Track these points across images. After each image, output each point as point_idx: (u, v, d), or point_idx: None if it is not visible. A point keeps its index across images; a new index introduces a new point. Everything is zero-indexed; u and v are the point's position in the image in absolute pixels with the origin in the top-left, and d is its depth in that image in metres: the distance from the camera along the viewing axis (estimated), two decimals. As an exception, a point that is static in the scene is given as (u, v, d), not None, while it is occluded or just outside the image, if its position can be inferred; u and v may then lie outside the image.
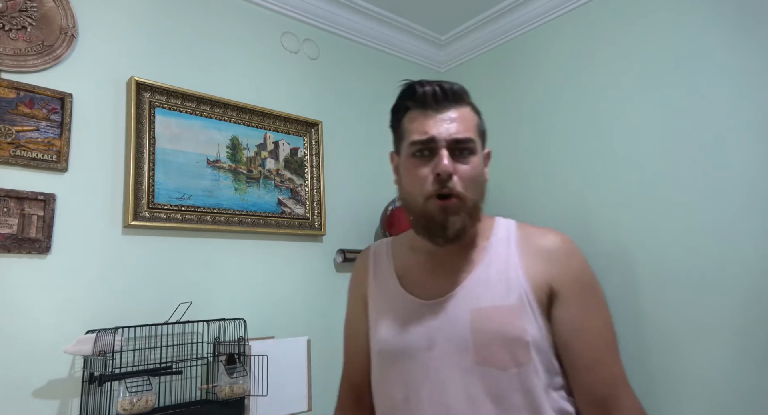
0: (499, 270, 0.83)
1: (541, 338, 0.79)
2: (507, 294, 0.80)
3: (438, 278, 0.87)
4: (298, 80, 2.13)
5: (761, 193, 1.59)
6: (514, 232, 0.88)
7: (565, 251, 0.84)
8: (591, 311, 0.81)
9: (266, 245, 1.89)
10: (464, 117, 0.84)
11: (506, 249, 0.85)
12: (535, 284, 0.81)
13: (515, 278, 0.82)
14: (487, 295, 0.81)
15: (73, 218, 1.49)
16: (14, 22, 1.47)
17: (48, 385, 1.37)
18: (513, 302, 0.79)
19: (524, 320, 0.78)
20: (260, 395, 1.60)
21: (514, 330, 0.78)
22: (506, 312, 0.79)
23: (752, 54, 1.65)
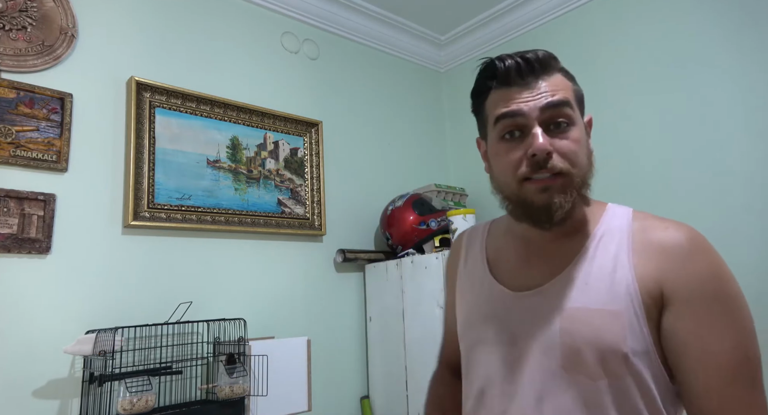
0: (603, 266, 0.70)
1: (647, 350, 0.66)
2: (608, 296, 0.68)
3: (532, 268, 0.77)
4: (298, 80, 2.13)
5: (761, 193, 1.59)
6: (628, 222, 0.73)
7: (687, 249, 0.67)
8: (713, 326, 0.64)
9: (266, 245, 1.89)
10: (556, 84, 0.72)
11: (617, 242, 0.72)
12: (644, 287, 0.67)
13: (622, 278, 0.68)
14: (583, 294, 0.70)
15: (73, 218, 1.49)
16: (14, 22, 1.47)
17: (48, 385, 1.37)
18: (614, 307, 0.67)
19: (625, 328, 0.66)
20: (260, 395, 1.60)
21: (608, 338, 0.66)
22: (601, 316, 0.67)
23: (752, 54, 1.65)
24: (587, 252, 0.73)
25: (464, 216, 1.85)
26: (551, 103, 0.70)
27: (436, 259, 1.82)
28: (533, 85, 0.71)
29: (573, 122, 0.71)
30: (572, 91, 0.74)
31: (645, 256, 0.69)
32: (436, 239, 2.00)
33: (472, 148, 2.51)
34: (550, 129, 0.70)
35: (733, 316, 0.65)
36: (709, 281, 0.66)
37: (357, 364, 2.06)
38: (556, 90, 0.71)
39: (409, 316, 1.90)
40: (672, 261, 0.67)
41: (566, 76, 0.75)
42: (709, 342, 0.64)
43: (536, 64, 0.72)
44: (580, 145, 0.71)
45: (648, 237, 0.70)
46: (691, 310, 0.65)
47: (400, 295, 1.95)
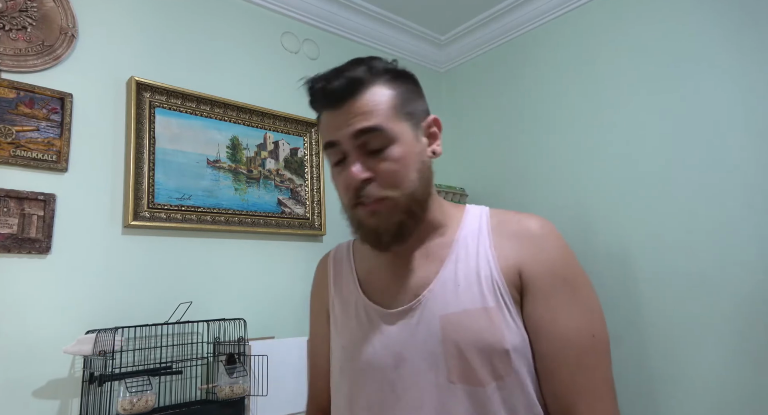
0: (468, 267, 0.70)
1: (523, 343, 0.67)
2: (479, 294, 0.68)
3: (403, 281, 0.74)
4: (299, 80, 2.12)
5: (761, 193, 1.59)
6: (486, 220, 0.75)
7: (539, 235, 0.70)
8: (563, 309, 0.66)
9: (266, 245, 1.89)
10: (367, 104, 0.68)
11: (476, 241, 0.72)
12: (508, 278, 0.68)
13: (487, 274, 0.69)
14: (456, 298, 0.68)
15: (73, 218, 1.49)
16: (14, 22, 1.47)
17: (48, 385, 1.37)
18: (487, 303, 0.67)
19: (501, 324, 0.66)
20: (260, 395, 1.60)
21: (489, 337, 0.65)
22: (479, 316, 0.66)
23: (752, 54, 1.65)
24: (452, 255, 0.73)
25: (464, 216, 1.85)
26: (362, 130, 0.68)
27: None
28: (345, 108, 0.69)
29: (390, 142, 0.69)
30: (390, 105, 0.69)
31: (504, 247, 0.71)
32: (436, 239, 1.99)
33: (471, 148, 2.51)
34: (369, 152, 0.69)
35: (579, 298, 0.68)
36: (559, 265, 0.69)
37: (357, 364, 2.06)
38: (366, 113, 0.68)
39: (409, 316, 1.89)
40: (526, 247, 0.70)
41: (386, 85, 0.71)
42: (558, 325, 0.66)
43: (347, 86, 0.69)
44: (403, 163, 0.69)
45: (505, 229, 0.73)
46: (543, 294, 0.68)
47: (400, 295, 1.95)
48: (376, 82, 0.70)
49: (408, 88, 0.73)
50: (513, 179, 2.31)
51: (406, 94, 0.73)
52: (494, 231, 0.73)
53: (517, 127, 2.34)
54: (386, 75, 0.71)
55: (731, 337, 1.59)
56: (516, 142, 2.33)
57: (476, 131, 2.51)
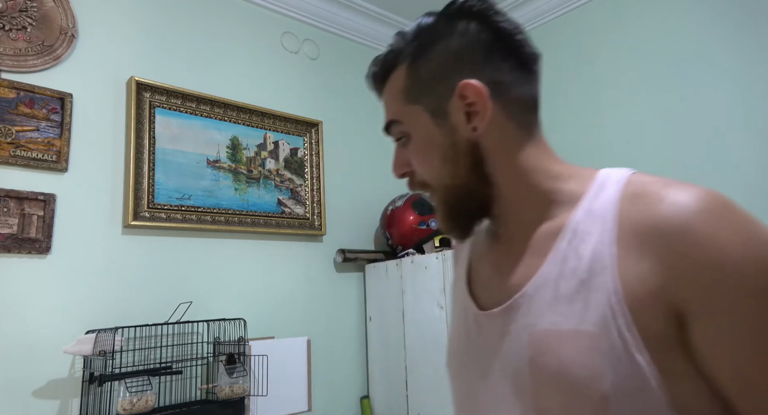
0: (576, 267, 0.50)
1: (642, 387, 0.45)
2: (582, 312, 0.48)
3: (503, 275, 0.59)
4: (298, 80, 2.13)
5: (761, 193, 1.59)
6: (615, 196, 0.51)
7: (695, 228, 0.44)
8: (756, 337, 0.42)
9: (266, 245, 1.89)
10: (389, 95, 0.63)
11: (598, 231, 0.50)
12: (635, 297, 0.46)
13: (601, 286, 0.48)
14: (552, 310, 0.51)
15: (73, 218, 1.49)
16: (14, 22, 1.47)
17: (48, 385, 1.37)
18: (588, 326, 0.47)
19: (603, 357, 0.46)
20: (260, 395, 1.60)
21: (581, 373, 0.47)
22: (576, 342, 0.48)
23: (752, 54, 1.65)
24: (559, 250, 0.53)
25: (464, 216, 1.85)
26: (384, 127, 0.64)
27: (436, 259, 1.82)
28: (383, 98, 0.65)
29: (408, 135, 0.61)
30: (400, 89, 0.60)
31: (635, 247, 0.47)
32: (436, 239, 2.00)
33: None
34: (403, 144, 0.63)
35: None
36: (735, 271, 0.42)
37: (357, 364, 2.06)
38: (386, 107, 0.63)
39: (409, 316, 1.90)
40: (675, 252, 0.44)
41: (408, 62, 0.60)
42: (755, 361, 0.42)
43: (378, 75, 0.64)
44: (422, 158, 0.60)
45: (639, 217, 0.48)
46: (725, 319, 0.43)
47: (400, 295, 1.95)
48: (397, 66, 0.61)
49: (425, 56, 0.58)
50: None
51: (421, 65, 0.59)
52: (623, 214, 0.49)
53: (517, 127, 2.33)
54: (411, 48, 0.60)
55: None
56: (516, 142, 2.33)
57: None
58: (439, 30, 0.58)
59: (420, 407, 1.81)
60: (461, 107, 0.56)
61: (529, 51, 0.59)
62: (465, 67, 0.57)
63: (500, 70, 0.57)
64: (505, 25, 0.58)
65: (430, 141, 0.59)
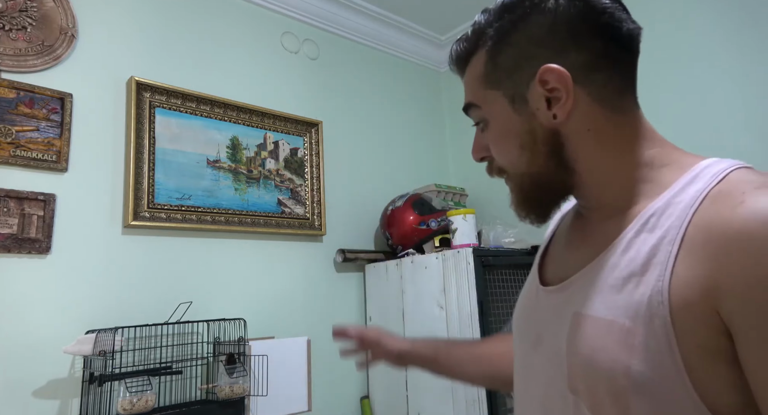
0: (633, 260, 0.49)
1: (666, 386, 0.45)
2: (625, 304, 0.48)
3: (570, 256, 0.61)
4: (298, 80, 2.13)
5: (761, 194, 1.59)
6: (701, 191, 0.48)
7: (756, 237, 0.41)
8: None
9: (266, 245, 1.89)
10: (468, 77, 0.61)
11: (667, 226, 0.48)
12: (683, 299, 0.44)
13: (651, 280, 0.47)
14: (599, 297, 0.51)
15: (73, 218, 1.49)
16: (14, 22, 1.47)
17: (48, 385, 1.37)
18: (623, 319, 0.48)
19: (634, 351, 0.46)
20: (260, 395, 1.60)
21: (605, 363, 0.48)
22: (605, 332, 0.49)
23: (752, 54, 1.65)
24: (624, 239, 0.52)
25: (464, 216, 1.85)
26: (463, 108, 0.63)
27: (436, 259, 1.82)
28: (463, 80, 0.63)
29: (485, 120, 0.60)
30: (480, 74, 0.59)
31: (699, 249, 0.45)
32: (436, 239, 2.00)
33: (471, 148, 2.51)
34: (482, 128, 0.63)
35: None
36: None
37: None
38: (467, 87, 0.62)
39: (409, 316, 1.90)
40: (732, 260, 0.42)
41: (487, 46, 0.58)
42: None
43: (458, 57, 0.62)
44: (500, 145, 0.59)
45: (712, 218, 0.45)
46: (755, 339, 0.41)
47: (400, 295, 1.95)
48: (479, 47, 0.59)
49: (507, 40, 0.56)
50: (513, 179, 2.31)
51: (502, 48, 0.57)
52: (700, 212, 0.47)
53: (517, 127, 2.33)
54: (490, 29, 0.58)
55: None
56: (516, 142, 2.33)
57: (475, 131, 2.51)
58: (524, 7, 0.55)
59: (420, 407, 1.81)
60: (542, 93, 0.54)
61: (626, 27, 0.56)
62: (548, 49, 0.54)
63: (590, 51, 0.54)
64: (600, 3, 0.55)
65: (509, 128, 0.57)
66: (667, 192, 0.51)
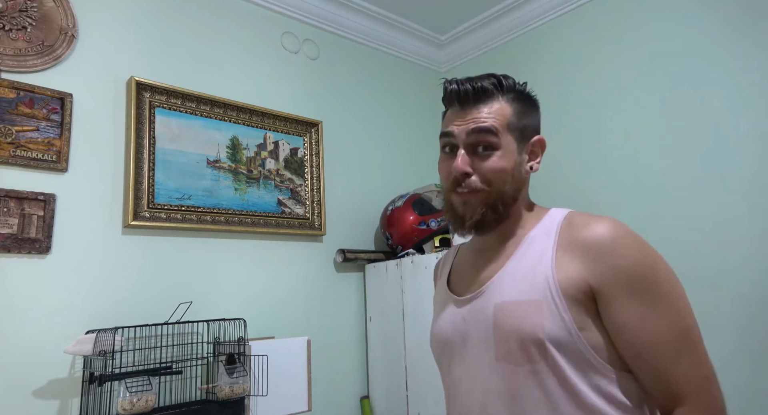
0: (529, 264, 0.79)
1: (568, 335, 0.72)
2: (530, 288, 0.76)
3: (478, 273, 0.86)
4: (298, 80, 2.13)
5: (761, 193, 1.59)
6: (558, 221, 0.81)
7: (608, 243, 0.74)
8: (646, 312, 0.71)
9: (266, 245, 1.89)
10: (490, 112, 0.82)
11: (543, 240, 0.80)
12: (567, 281, 0.74)
13: (542, 271, 0.76)
14: (510, 290, 0.78)
15: (73, 218, 1.49)
16: (14, 22, 1.47)
17: (48, 385, 1.37)
18: (534, 296, 0.75)
19: (543, 316, 0.73)
20: (260, 395, 1.60)
21: (528, 327, 0.74)
22: (524, 308, 0.75)
23: (752, 54, 1.65)
24: (519, 252, 0.82)
25: (464, 216, 1.85)
26: (476, 129, 0.81)
27: (436, 259, 1.82)
28: (469, 110, 0.83)
29: (496, 147, 0.81)
30: (507, 120, 0.82)
31: (569, 253, 0.76)
32: (436, 239, 2.00)
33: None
34: (477, 151, 0.81)
35: (662, 296, 0.72)
36: (633, 271, 0.72)
37: (357, 364, 2.06)
38: (487, 118, 0.81)
39: (409, 316, 1.90)
40: (594, 257, 0.74)
41: (509, 101, 0.84)
42: (647, 325, 0.71)
43: (474, 93, 0.82)
44: (501, 167, 0.81)
45: (572, 235, 0.78)
46: (621, 302, 0.72)
47: (400, 295, 1.95)
48: (501, 97, 0.83)
49: (525, 110, 0.85)
50: (513, 179, 2.31)
51: (523, 114, 0.84)
52: (562, 232, 0.79)
53: (517, 127, 2.33)
54: (512, 93, 0.84)
55: (731, 336, 1.59)
56: (516, 142, 2.33)
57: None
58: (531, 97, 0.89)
59: (420, 407, 1.81)
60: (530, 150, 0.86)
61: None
62: (538, 128, 0.89)
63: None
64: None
65: (511, 160, 0.82)
66: (537, 225, 0.84)
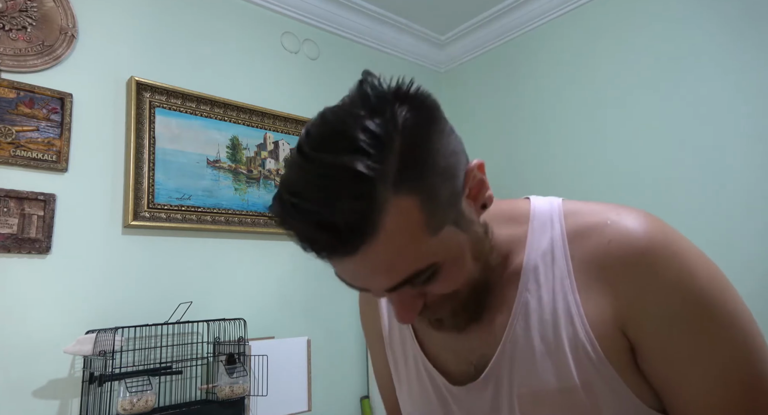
0: (543, 320, 0.51)
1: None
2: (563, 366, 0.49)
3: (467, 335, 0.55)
4: (298, 80, 2.13)
5: (761, 193, 1.59)
6: (559, 233, 0.53)
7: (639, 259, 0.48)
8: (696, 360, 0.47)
9: (266, 245, 1.89)
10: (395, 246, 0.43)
11: (550, 274, 0.52)
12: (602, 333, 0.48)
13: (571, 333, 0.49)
14: (533, 368, 0.50)
15: (73, 218, 1.49)
16: (14, 22, 1.47)
17: (48, 385, 1.37)
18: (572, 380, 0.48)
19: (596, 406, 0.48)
20: (260, 395, 1.60)
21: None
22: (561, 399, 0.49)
23: (752, 54, 1.65)
24: (521, 299, 0.52)
25: (464, 216, 1.85)
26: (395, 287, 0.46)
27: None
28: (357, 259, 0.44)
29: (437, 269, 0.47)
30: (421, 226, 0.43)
31: (594, 287, 0.49)
32: (436, 239, 1.99)
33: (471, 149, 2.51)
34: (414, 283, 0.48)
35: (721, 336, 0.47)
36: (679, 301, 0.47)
37: (357, 364, 2.06)
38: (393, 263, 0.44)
39: (409, 316, 1.89)
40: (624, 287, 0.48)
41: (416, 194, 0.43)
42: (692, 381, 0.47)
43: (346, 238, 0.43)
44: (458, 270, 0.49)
45: (593, 253, 0.50)
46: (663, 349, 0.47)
47: (400, 295, 1.94)
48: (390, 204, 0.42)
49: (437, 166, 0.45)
50: (513, 179, 2.31)
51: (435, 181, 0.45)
52: (574, 251, 0.51)
53: (517, 128, 2.33)
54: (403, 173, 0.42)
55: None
56: (515, 142, 2.33)
57: (476, 131, 2.51)
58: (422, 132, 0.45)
59: (420, 407, 1.81)
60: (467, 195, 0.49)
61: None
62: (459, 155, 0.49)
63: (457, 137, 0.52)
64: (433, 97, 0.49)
65: (463, 251, 0.49)
66: (529, 242, 0.54)
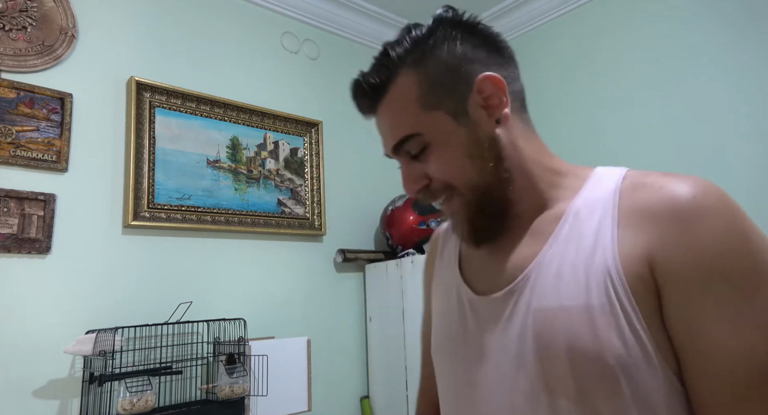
0: (578, 249, 0.53)
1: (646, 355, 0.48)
2: (584, 288, 0.51)
3: (502, 260, 0.60)
4: (298, 80, 2.13)
5: (761, 193, 1.59)
6: (614, 186, 0.55)
7: (687, 210, 0.48)
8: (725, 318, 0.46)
9: (266, 245, 1.89)
10: (396, 111, 0.59)
11: (599, 215, 0.54)
12: (631, 269, 0.49)
13: (601, 261, 0.51)
14: (555, 289, 0.53)
15: (73, 218, 1.49)
16: (14, 22, 1.47)
17: (48, 385, 1.37)
18: (593, 301, 0.50)
19: (608, 329, 0.49)
20: (260, 395, 1.60)
21: (588, 346, 0.49)
22: (578, 317, 0.50)
23: (752, 54, 1.65)
24: (559, 232, 0.56)
25: (464, 216, 1.85)
26: (395, 146, 0.60)
27: (436, 259, 1.82)
28: (378, 118, 0.63)
29: (426, 144, 0.58)
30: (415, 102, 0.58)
31: (633, 227, 0.51)
32: (436, 239, 1.99)
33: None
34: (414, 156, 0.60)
35: (756, 302, 0.45)
36: (717, 253, 0.46)
37: (357, 364, 2.06)
38: (394, 123, 0.60)
39: (409, 316, 1.90)
40: (663, 229, 0.49)
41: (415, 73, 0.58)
42: (719, 340, 0.46)
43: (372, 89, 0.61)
44: (446, 161, 0.58)
45: (638, 200, 0.52)
46: (697, 300, 0.47)
47: (400, 295, 1.95)
48: (397, 77, 0.58)
49: (439, 62, 0.58)
50: (513, 179, 2.31)
51: (436, 73, 0.57)
52: (623, 200, 0.53)
53: (517, 127, 2.34)
54: (409, 57, 0.58)
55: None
56: (516, 142, 2.33)
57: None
58: (438, 36, 0.59)
59: (420, 407, 1.81)
60: (479, 102, 0.57)
61: (511, 52, 0.64)
62: (476, 64, 0.58)
63: (506, 66, 0.61)
64: (490, 30, 0.63)
65: (456, 142, 0.57)
66: (581, 193, 0.58)
